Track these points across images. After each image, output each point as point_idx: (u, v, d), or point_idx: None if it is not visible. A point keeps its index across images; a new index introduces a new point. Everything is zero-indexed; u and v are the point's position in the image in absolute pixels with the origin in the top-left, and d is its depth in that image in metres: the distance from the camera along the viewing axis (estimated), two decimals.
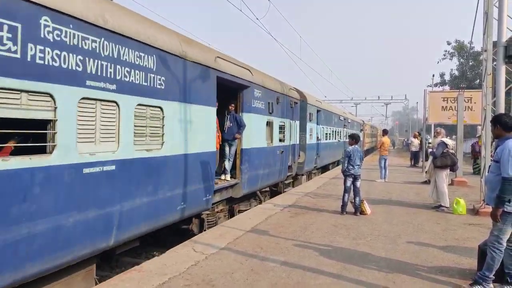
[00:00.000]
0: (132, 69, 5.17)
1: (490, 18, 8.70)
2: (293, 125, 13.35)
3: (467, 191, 12.24)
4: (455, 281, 4.77)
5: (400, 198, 11.07)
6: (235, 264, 5.26)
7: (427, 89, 19.32)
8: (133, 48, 5.19)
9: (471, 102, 17.09)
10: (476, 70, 45.14)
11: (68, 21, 4.19)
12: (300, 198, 10.80)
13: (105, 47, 4.71)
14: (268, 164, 10.73)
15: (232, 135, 8.83)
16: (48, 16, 3.97)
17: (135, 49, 5.23)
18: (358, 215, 8.55)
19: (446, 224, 7.85)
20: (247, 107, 9.30)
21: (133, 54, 5.19)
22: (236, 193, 9.13)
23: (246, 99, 9.25)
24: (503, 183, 4.30)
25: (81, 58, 4.36)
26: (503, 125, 4.57)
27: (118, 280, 4.70)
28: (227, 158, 8.99)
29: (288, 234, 6.84)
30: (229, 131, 8.87)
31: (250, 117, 9.35)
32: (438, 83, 50.80)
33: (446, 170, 9.57)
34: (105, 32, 4.71)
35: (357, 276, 4.88)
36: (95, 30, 4.54)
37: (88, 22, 4.45)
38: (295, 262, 5.36)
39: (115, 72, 4.87)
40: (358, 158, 8.77)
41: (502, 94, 8.50)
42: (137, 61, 5.28)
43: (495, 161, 4.56)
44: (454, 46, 50.25)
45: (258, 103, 9.93)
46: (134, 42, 5.20)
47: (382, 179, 15.02)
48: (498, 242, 4.38)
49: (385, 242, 6.46)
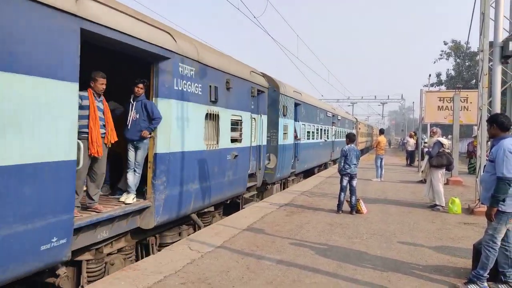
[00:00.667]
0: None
1: (487, 19, 8.74)
2: (258, 121, 10.35)
3: (463, 191, 12.30)
4: (450, 280, 4.79)
5: (395, 197, 11.11)
6: (231, 263, 5.25)
7: (423, 89, 19.39)
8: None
9: (467, 102, 17.17)
10: (472, 70, 45.33)
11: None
12: (296, 197, 10.81)
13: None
14: (209, 175, 7.54)
15: (138, 132, 5.88)
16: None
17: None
18: (354, 214, 8.56)
19: (441, 223, 7.88)
20: (165, 90, 6.11)
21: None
22: (146, 223, 5.98)
23: (165, 78, 6.09)
24: (498, 183, 4.32)
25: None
26: (500, 125, 4.59)
27: (113, 278, 4.68)
28: (131, 168, 6.00)
29: (284, 233, 6.85)
30: (133, 126, 5.91)
31: (170, 105, 6.18)
32: (434, 83, 50.98)
33: (441, 169, 9.60)
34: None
35: (352, 275, 4.90)
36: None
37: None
38: (291, 261, 5.37)
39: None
40: (355, 157, 8.78)
41: (498, 94, 8.54)
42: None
43: (490, 160, 4.58)
44: (451, 46, 50.40)
45: (189, 85, 6.70)
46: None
47: (378, 178, 15.06)
48: (493, 241, 4.41)
49: (380, 241, 6.48)
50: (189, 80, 6.71)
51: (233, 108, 8.56)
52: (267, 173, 11.42)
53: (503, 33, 8.62)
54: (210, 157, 7.56)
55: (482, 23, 8.86)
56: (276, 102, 12.02)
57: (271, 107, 11.63)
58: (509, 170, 4.28)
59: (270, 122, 11.60)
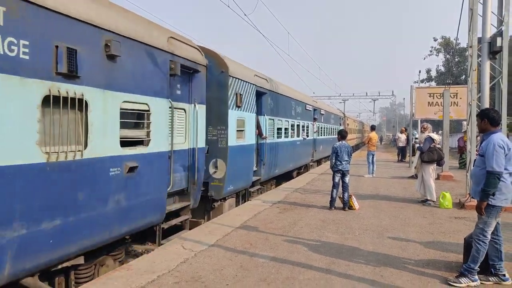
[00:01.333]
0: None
1: (475, 15, 8.82)
2: (189, 113, 7.35)
3: (453, 185, 12.43)
4: (442, 273, 4.85)
5: (387, 193, 11.19)
6: (225, 261, 5.26)
7: (413, 85, 19.52)
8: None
9: (456, 98, 17.32)
10: (461, 66, 45.77)
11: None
12: (289, 194, 10.84)
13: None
14: (60, 206, 4.39)
15: None
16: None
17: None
18: (346, 210, 8.61)
19: (432, 218, 7.96)
20: None
21: None
22: None
23: None
24: (487, 177, 4.37)
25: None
26: (491, 120, 4.63)
27: (106, 278, 4.66)
28: None
29: (277, 230, 6.87)
30: None
31: None
32: (424, 79, 51.45)
33: (432, 164, 9.70)
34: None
35: (345, 270, 4.93)
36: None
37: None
38: (284, 258, 5.39)
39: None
40: (346, 154, 8.82)
41: (487, 89, 8.64)
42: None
43: (480, 155, 4.63)
44: (441, 42, 50.82)
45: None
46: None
47: (370, 175, 15.16)
48: (483, 234, 4.47)
49: (373, 236, 6.53)
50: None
51: (127, 91, 5.41)
52: (214, 186, 8.72)
53: (491, 29, 8.72)
54: (59, 174, 4.32)
55: (470, 19, 8.94)
56: (224, 88, 8.76)
57: (215, 95, 8.64)
58: (499, 164, 4.33)
59: (215, 115, 8.68)
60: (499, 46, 8.35)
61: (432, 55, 52.48)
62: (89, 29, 4.74)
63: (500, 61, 8.90)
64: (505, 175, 4.42)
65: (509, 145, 4.48)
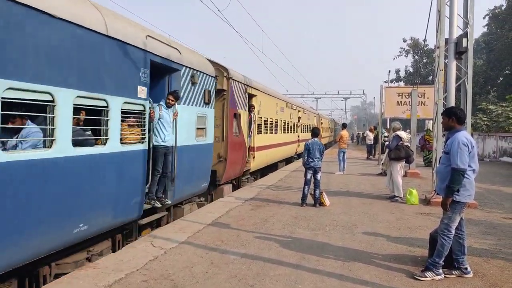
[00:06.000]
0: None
1: (442, 16, 9.10)
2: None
3: (420, 182, 12.81)
4: (408, 268, 4.97)
5: (357, 189, 11.40)
6: (195, 258, 5.19)
7: (383, 85, 19.98)
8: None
9: (424, 97, 17.87)
10: (429, 67, 47.27)
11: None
12: (262, 191, 10.85)
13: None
14: None
15: None
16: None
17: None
18: (317, 206, 8.71)
19: (399, 214, 8.17)
20: None
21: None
22: None
23: None
24: (452, 174, 4.50)
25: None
26: (456, 118, 4.76)
27: (72, 277, 4.50)
28: None
29: (249, 227, 6.85)
30: None
31: None
32: (394, 79, 52.77)
33: (400, 162, 9.95)
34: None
35: (315, 266, 4.97)
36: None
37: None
38: (255, 254, 5.38)
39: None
40: (318, 151, 8.91)
41: (453, 89, 8.93)
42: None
43: (445, 152, 4.76)
44: (410, 43, 52.25)
45: None
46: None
47: (341, 172, 15.39)
48: (448, 229, 4.61)
49: (342, 232, 6.63)
50: None
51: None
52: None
53: (457, 31, 9.01)
54: None
55: (438, 21, 9.21)
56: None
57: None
58: (463, 162, 4.47)
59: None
60: (464, 47, 8.65)
61: (401, 56, 53.96)
62: None
63: (465, 62, 9.22)
64: (469, 172, 4.56)
65: (473, 143, 4.63)
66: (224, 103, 10.15)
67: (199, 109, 8.19)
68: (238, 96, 11.25)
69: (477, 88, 37.67)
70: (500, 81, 42.12)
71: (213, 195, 10.24)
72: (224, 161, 10.13)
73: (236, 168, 11.20)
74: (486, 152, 24.97)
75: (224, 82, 10.07)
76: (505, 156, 23.32)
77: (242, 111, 11.63)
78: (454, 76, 8.98)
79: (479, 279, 4.65)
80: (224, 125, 10.12)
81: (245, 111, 12.03)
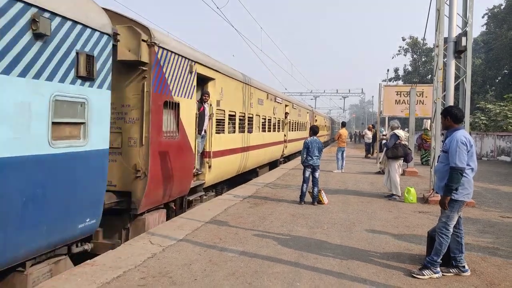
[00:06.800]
0: None
1: (442, 15, 9.10)
2: None
3: (418, 181, 12.83)
4: (406, 266, 4.98)
5: (355, 188, 11.41)
6: (193, 256, 5.19)
7: (382, 83, 19.98)
8: None
9: (422, 96, 17.89)
10: (428, 66, 47.33)
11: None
12: (260, 188, 10.86)
13: None
14: None
15: None
16: None
17: None
18: (315, 204, 8.71)
19: (397, 212, 8.18)
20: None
21: None
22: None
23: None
24: (451, 173, 4.51)
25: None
26: (453, 117, 4.77)
27: (69, 274, 4.50)
28: None
29: (247, 224, 6.86)
30: None
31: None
32: (392, 78, 52.86)
33: (398, 160, 9.96)
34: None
35: (313, 264, 4.98)
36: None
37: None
38: (254, 252, 5.38)
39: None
40: (317, 149, 8.91)
41: (452, 88, 8.94)
42: None
43: (444, 151, 4.77)
44: (409, 42, 52.30)
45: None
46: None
47: (339, 170, 15.41)
48: (446, 228, 4.62)
49: (340, 230, 6.64)
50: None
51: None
52: None
53: (456, 30, 9.01)
54: None
55: (437, 20, 9.21)
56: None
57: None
58: (461, 161, 4.48)
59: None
60: (463, 46, 8.65)
61: (400, 55, 54.02)
62: None
63: (464, 61, 9.23)
64: (467, 170, 4.57)
65: (471, 142, 4.64)
66: (143, 85, 6.46)
67: (59, 87, 4.56)
68: (175, 76, 7.37)
69: (475, 87, 37.76)
70: (498, 80, 42.22)
71: (129, 231, 6.60)
72: (143, 177, 6.42)
73: (171, 185, 7.31)
74: (484, 151, 25.03)
75: (143, 50, 6.31)
76: (503, 155, 23.41)
77: (183, 99, 7.74)
78: (453, 75, 8.98)
79: (477, 277, 4.66)
80: (144, 119, 6.44)
81: (190, 100, 8.07)
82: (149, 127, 6.50)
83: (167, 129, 7.20)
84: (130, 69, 6.47)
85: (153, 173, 6.62)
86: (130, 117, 6.52)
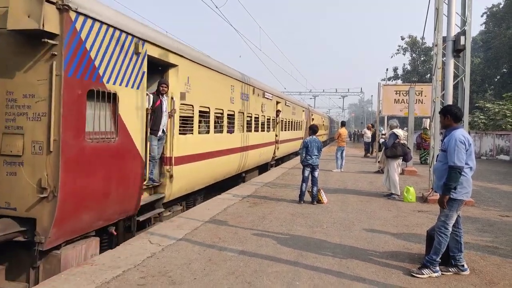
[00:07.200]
0: None
1: (440, 14, 9.10)
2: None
3: (417, 180, 12.83)
4: (405, 265, 4.99)
5: (354, 187, 11.42)
6: (193, 255, 5.19)
7: (381, 83, 19.98)
8: None
9: (421, 95, 17.89)
10: (427, 65, 47.35)
11: None
12: (259, 188, 10.86)
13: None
14: None
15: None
16: None
17: None
18: (315, 204, 8.72)
19: (397, 211, 8.19)
20: None
21: None
22: None
23: None
24: (449, 172, 4.51)
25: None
26: (453, 116, 4.77)
27: (68, 274, 4.49)
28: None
29: (246, 224, 6.86)
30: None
31: None
32: (391, 77, 52.88)
33: (397, 160, 9.97)
34: None
35: (313, 263, 4.98)
36: None
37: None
38: (253, 251, 5.38)
39: None
40: (316, 149, 8.92)
41: (451, 87, 8.94)
42: None
43: (443, 150, 4.77)
44: (408, 41, 52.32)
45: None
46: None
47: (339, 169, 15.42)
48: (445, 227, 4.62)
49: (340, 229, 6.64)
50: None
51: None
52: None
53: (455, 29, 9.02)
54: None
55: (436, 19, 9.21)
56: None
57: None
58: (460, 160, 4.48)
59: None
60: (462, 45, 8.66)
61: (399, 54, 54.05)
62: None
63: (463, 60, 9.24)
64: (466, 169, 4.58)
65: (470, 140, 4.64)
66: (51, 66, 4.58)
67: None
68: (108, 56, 5.44)
69: (474, 86, 37.79)
70: (497, 79, 42.28)
71: (39, 274, 4.80)
72: (52, 197, 4.61)
73: (104, 205, 5.51)
74: (483, 150, 25.06)
75: (49, 16, 4.47)
76: (502, 154, 23.43)
77: (124, 88, 5.83)
78: (452, 74, 8.99)
79: (476, 276, 4.67)
80: (53, 116, 4.58)
81: (136, 90, 6.16)
82: (59, 127, 4.61)
83: (96, 129, 5.25)
84: (34, 43, 4.57)
85: (67, 191, 4.71)
86: (34, 112, 4.65)
